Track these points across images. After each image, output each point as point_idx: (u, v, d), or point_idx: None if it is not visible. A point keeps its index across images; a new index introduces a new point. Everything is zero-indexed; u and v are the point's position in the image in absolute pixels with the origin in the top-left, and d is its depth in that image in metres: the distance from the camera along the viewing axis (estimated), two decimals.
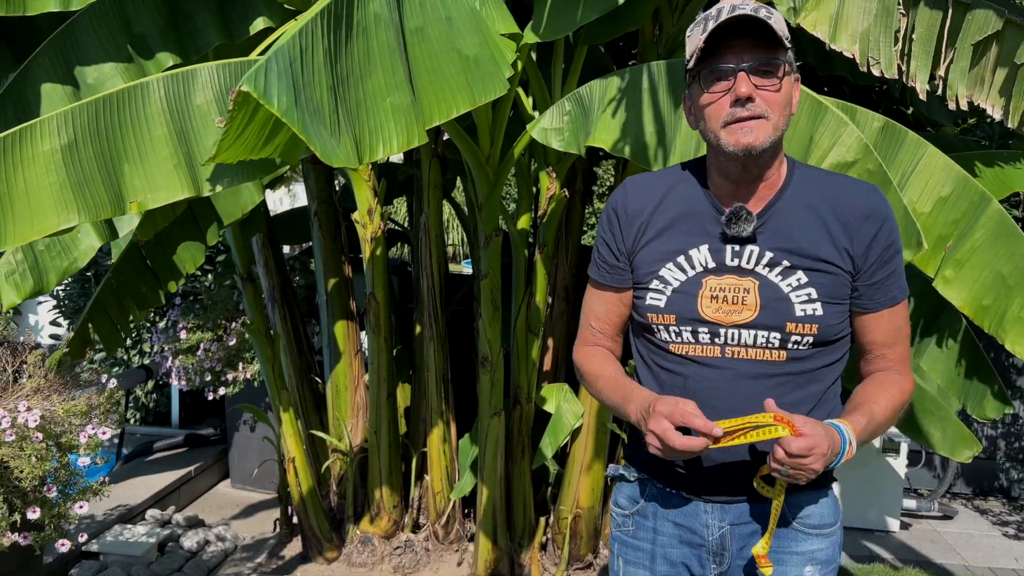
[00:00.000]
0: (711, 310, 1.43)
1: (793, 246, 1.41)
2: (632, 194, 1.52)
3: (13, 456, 2.27)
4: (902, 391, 1.46)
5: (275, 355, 3.69)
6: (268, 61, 1.33)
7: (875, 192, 1.45)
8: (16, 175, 1.97)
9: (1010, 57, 2.36)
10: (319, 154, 1.39)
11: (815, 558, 1.48)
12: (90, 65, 2.58)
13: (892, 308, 1.46)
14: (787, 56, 1.36)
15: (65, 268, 2.61)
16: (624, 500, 1.60)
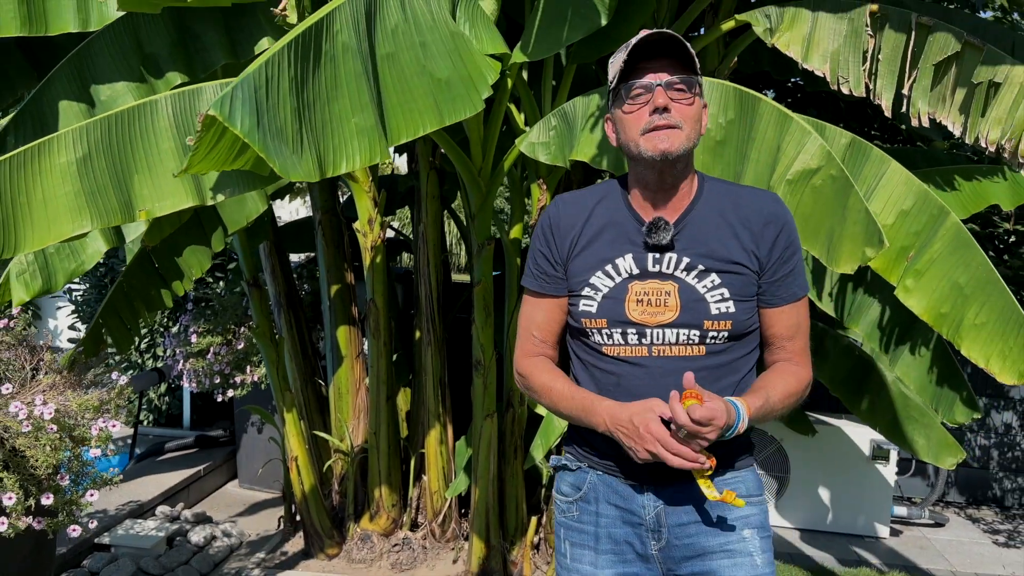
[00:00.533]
0: (637, 312, 1.58)
1: (706, 251, 1.57)
2: (563, 209, 1.67)
3: (29, 446, 2.44)
4: (799, 380, 1.61)
5: (280, 358, 3.85)
6: (234, 88, 1.51)
7: (776, 200, 1.63)
8: (35, 185, 2.15)
9: (968, 77, 2.49)
10: (277, 170, 1.56)
11: (750, 523, 1.63)
12: (104, 83, 2.77)
13: (792, 304, 1.61)
14: (698, 79, 1.54)
15: (73, 270, 2.78)
16: (567, 488, 1.73)
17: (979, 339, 2.46)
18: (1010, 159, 2.44)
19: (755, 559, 1.61)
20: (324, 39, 1.75)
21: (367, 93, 1.83)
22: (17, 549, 2.63)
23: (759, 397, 1.53)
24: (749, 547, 1.61)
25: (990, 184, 3.45)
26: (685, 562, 1.63)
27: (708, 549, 1.61)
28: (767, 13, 2.87)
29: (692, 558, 1.62)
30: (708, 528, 1.61)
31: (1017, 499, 5.34)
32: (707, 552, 1.61)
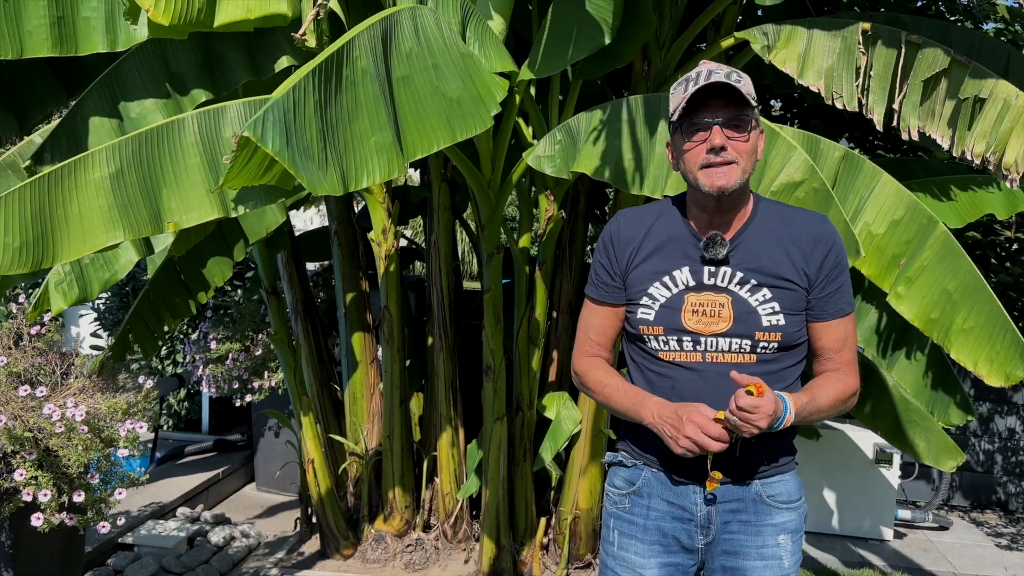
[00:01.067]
0: (693, 322, 1.70)
1: (759, 267, 1.69)
2: (624, 224, 1.80)
3: (61, 446, 2.58)
4: (845, 387, 1.73)
5: (297, 364, 3.99)
6: (265, 111, 1.65)
7: (825, 222, 1.75)
8: (72, 199, 2.29)
9: (955, 92, 2.60)
10: (306, 185, 1.71)
11: (786, 528, 1.76)
12: (134, 101, 2.92)
13: (840, 319, 1.73)
14: (754, 113, 1.65)
15: (107, 279, 2.93)
16: (620, 482, 1.85)
17: (968, 343, 2.56)
18: (995, 171, 2.55)
19: (783, 562, 1.75)
20: (345, 64, 1.89)
21: (385, 113, 1.97)
22: (49, 545, 2.77)
23: (806, 395, 1.66)
24: (780, 552, 1.75)
25: (985, 194, 3.55)
26: (722, 555, 1.76)
27: (744, 548, 1.74)
28: (765, 31, 2.99)
29: (729, 553, 1.75)
30: (749, 529, 1.74)
31: (1021, 503, 5.40)
32: (743, 551, 1.74)
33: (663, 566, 1.78)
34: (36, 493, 2.47)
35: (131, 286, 5.47)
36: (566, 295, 4.17)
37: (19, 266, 2.26)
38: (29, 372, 2.84)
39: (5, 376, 2.71)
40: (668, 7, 3.35)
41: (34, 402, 2.62)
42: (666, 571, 1.78)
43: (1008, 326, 2.56)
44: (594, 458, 3.88)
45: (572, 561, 3.98)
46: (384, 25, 2.04)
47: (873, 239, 2.64)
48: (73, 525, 2.63)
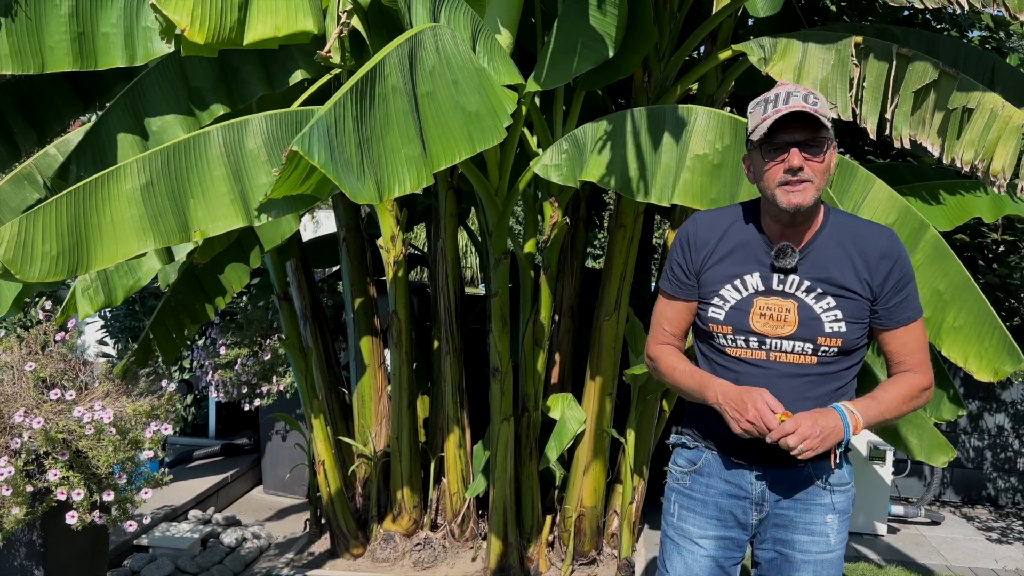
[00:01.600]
0: (760, 324, 1.84)
1: (826, 276, 1.82)
2: (701, 227, 1.93)
3: (91, 447, 2.68)
4: (911, 385, 1.86)
5: (308, 368, 4.09)
6: (311, 128, 1.77)
7: (892, 236, 1.86)
8: (105, 209, 2.39)
9: (944, 103, 2.73)
10: (348, 194, 1.83)
11: (835, 508, 1.90)
12: (155, 115, 3.02)
13: (907, 326, 1.85)
14: (829, 133, 1.76)
15: (131, 286, 3.03)
16: (683, 461, 2.02)
17: (958, 341, 2.69)
18: (983, 178, 2.68)
19: (830, 539, 1.90)
20: (377, 82, 2.01)
21: (413, 127, 2.09)
22: (77, 544, 2.86)
23: (870, 397, 1.81)
24: (828, 529, 1.89)
25: (973, 198, 3.70)
26: (773, 528, 1.92)
27: (794, 523, 1.90)
28: (761, 43, 3.12)
29: (780, 527, 1.91)
30: (799, 506, 1.89)
31: (1010, 498, 5.54)
32: (793, 525, 1.90)
33: (719, 539, 1.95)
34: (70, 492, 2.56)
35: (138, 295, 5.55)
36: (568, 299, 4.28)
37: (56, 273, 2.35)
38: (54, 377, 2.93)
39: (33, 381, 2.80)
40: (668, 21, 3.48)
41: (63, 405, 2.71)
42: (721, 543, 1.95)
43: (996, 324, 2.69)
44: (597, 457, 4.00)
45: (577, 557, 4.09)
46: (410, 44, 2.16)
47: None
48: (102, 524, 2.72)
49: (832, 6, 4.91)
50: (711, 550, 1.96)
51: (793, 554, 1.90)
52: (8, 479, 2.47)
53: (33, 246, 2.32)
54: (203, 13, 2.32)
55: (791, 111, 1.71)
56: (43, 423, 2.53)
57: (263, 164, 2.61)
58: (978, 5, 2.81)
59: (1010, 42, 5.74)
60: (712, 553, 1.96)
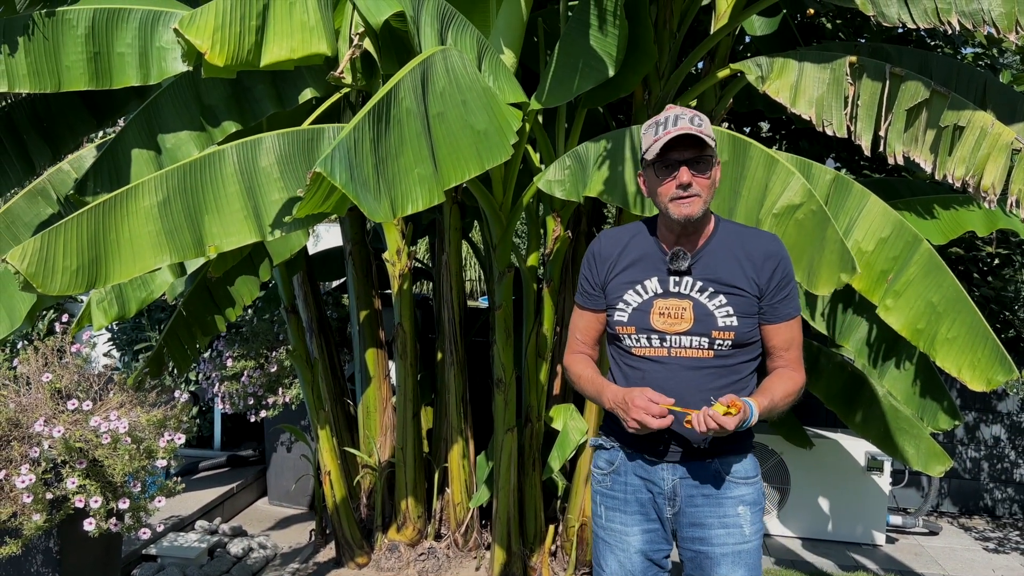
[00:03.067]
0: (660, 322, 2.01)
1: (716, 277, 2.00)
2: (604, 243, 2.14)
3: (107, 456, 2.74)
4: (794, 383, 2.03)
5: (315, 379, 4.15)
6: (333, 151, 1.87)
7: (775, 240, 2.05)
8: (123, 225, 2.47)
9: (936, 121, 2.82)
10: (367, 213, 1.93)
11: (744, 500, 2.04)
12: (169, 133, 3.11)
13: (787, 322, 2.04)
14: (713, 152, 1.96)
15: (144, 298, 3.10)
16: (603, 463, 2.16)
17: (952, 351, 2.77)
18: (974, 193, 2.77)
19: (744, 530, 2.03)
20: (392, 105, 2.10)
21: (426, 148, 2.18)
22: (92, 550, 2.92)
23: (766, 397, 1.96)
24: (741, 521, 2.03)
25: (966, 212, 3.78)
26: (689, 527, 2.05)
27: (708, 520, 2.02)
28: (758, 63, 3.21)
29: (695, 525, 2.04)
30: (711, 502, 2.02)
31: (1007, 508, 5.60)
32: (707, 521, 2.02)
33: (645, 532, 2.08)
34: (87, 500, 2.63)
35: (144, 308, 5.62)
36: (570, 311, 4.35)
37: (75, 287, 2.43)
38: (69, 388, 2.99)
39: (50, 392, 2.87)
40: (667, 40, 3.57)
41: (80, 415, 2.78)
42: (648, 536, 2.08)
43: (988, 335, 2.76)
44: None
45: (579, 567, 4.15)
46: (423, 67, 2.25)
47: (863, 255, 2.85)
48: (117, 531, 2.78)
49: (828, 24, 5.02)
50: (639, 544, 2.08)
51: (712, 549, 2.01)
52: (29, 486, 2.54)
53: (54, 260, 2.40)
54: (223, 37, 2.40)
55: (679, 133, 1.89)
56: (63, 432, 2.59)
57: (276, 181, 2.70)
58: (968, 25, 2.90)
59: (1003, 59, 5.85)
60: (641, 547, 2.08)
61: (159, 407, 3.01)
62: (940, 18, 2.90)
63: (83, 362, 3.18)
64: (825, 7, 4.65)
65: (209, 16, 2.47)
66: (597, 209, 5.16)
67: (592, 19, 3.12)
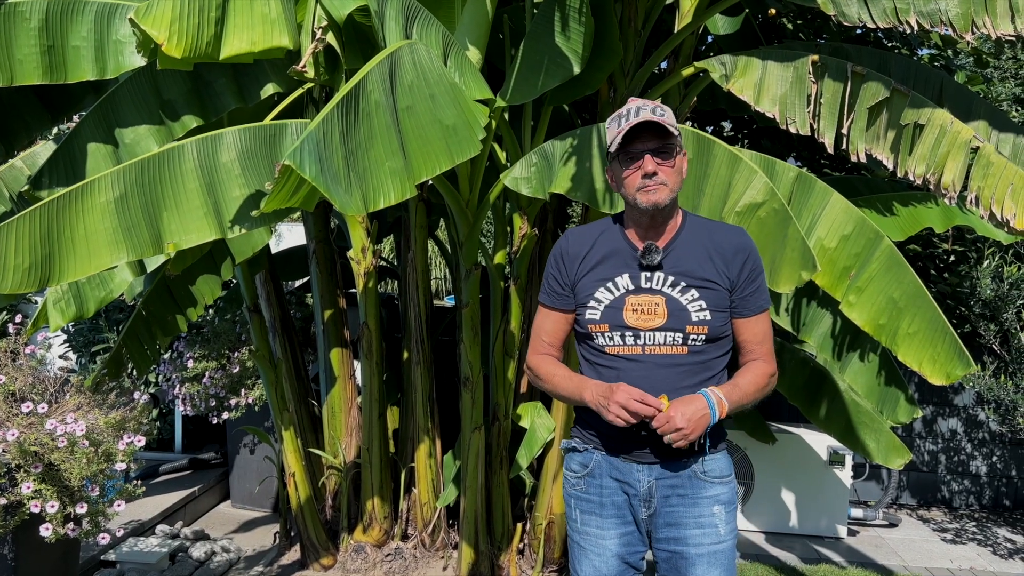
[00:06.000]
0: (633, 318, 1.98)
1: (687, 271, 1.98)
2: (572, 241, 2.10)
3: (63, 460, 2.67)
4: (763, 372, 2.03)
5: (278, 380, 4.09)
6: (302, 143, 1.83)
7: (743, 233, 2.05)
8: (78, 222, 2.40)
9: (897, 119, 2.86)
10: (337, 205, 1.89)
11: (719, 500, 2.02)
12: (127, 127, 3.03)
13: (758, 315, 2.04)
14: (678, 140, 1.95)
15: (102, 298, 3.03)
16: (576, 466, 2.12)
17: (912, 346, 2.81)
18: (934, 191, 2.81)
19: (719, 530, 2.01)
20: (361, 98, 2.07)
21: (396, 141, 2.15)
22: (49, 556, 2.84)
23: (731, 384, 1.97)
24: (716, 520, 2.01)
25: (924, 209, 3.85)
26: (664, 528, 2.02)
27: (684, 520, 2.00)
28: (722, 61, 3.23)
29: (670, 525, 2.01)
30: (686, 502, 2.00)
31: (964, 500, 5.72)
32: (682, 521, 2.00)
33: (621, 535, 2.05)
34: (44, 505, 2.55)
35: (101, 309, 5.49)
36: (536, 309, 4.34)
37: (27, 285, 2.36)
38: (23, 390, 2.91)
39: (3, 394, 2.79)
40: (632, 38, 3.58)
41: (35, 418, 2.70)
42: (624, 539, 2.05)
43: (947, 330, 2.81)
44: None
45: (547, 564, 4.14)
46: (390, 60, 2.22)
47: (826, 252, 2.88)
48: (74, 537, 2.71)
49: (789, 24, 5.08)
50: (616, 548, 2.05)
51: (687, 549, 1.99)
52: None
53: (5, 258, 2.33)
54: (180, 28, 2.35)
55: (640, 122, 1.89)
56: (17, 435, 2.52)
57: (237, 177, 2.65)
58: (926, 25, 2.95)
59: (958, 60, 5.98)
60: (617, 551, 2.05)
61: (118, 409, 2.94)
62: (899, 18, 2.94)
63: (38, 364, 3.10)
64: (787, 7, 4.70)
65: (166, 6, 2.41)
66: (563, 208, 5.17)
67: (557, 17, 3.11)
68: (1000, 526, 5.37)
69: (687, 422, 1.84)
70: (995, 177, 2.73)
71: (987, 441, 5.68)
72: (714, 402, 1.90)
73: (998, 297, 4.70)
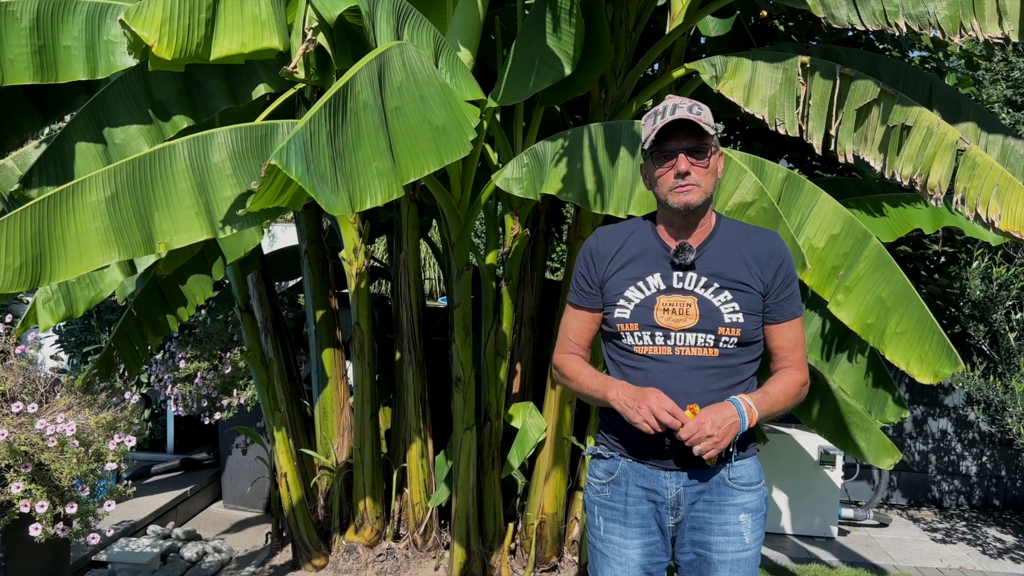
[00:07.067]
0: (664, 318, 1.95)
1: (720, 272, 1.95)
2: (602, 240, 2.06)
3: (54, 459, 2.67)
4: (795, 381, 1.99)
5: (270, 380, 4.09)
6: (289, 142, 1.83)
7: (777, 238, 2.02)
8: (69, 221, 2.40)
9: (885, 120, 2.88)
10: (323, 205, 1.89)
11: (747, 508, 1.97)
12: (118, 127, 3.03)
13: (791, 321, 2.00)
14: (713, 140, 1.92)
15: (92, 298, 3.03)
16: (601, 473, 2.07)
17: (900, 345, 2.83)
18: (921, 191, 2.83)
19: (744, 538, 1.96)
20: (349, 98, 2.07)
21: (384, 141, 2.16)
22: (38, 557, 2.84)
23: (761, 391, 1.94)
24: (742, 528, 1.96)
25: (914, 210, 3.87)
26: (690, 531, 1.98)
27: (709, 525, 1.96)
28: (713, 63, 3.24)
29: (696, 529, 1.98)
30: (712, 508, 1.96)
31: (954, 500, 5.75)
32: (707, 527, 1.96)
33: (645, 545, 2.00)
34: (33, 505, 2.55)
35: (92, 309, 5.48)
36: (529, 309, 4.36)
37: (18, 285, 2.36)
38: (14, 390, 2.91)
39: None
40: (623, 40, 3.60)
41: (24, 418, 2.70)
42: (647, 550, 2.00)
43: (935, 329, 2.83)
44: (557, 464, 4.07)
45: (538, 564, 4.15)
46: (379, 61, 2.23)
47: (814, 252, 2.90)
48: (64, 537, 2.71)
49: (780, 26, 5.10)
50: (638, 558, 2.00)
51: (710, 555, 1.95)
52: None
53: None
54: (171, 29, 2.36)
55: (675, 119, 1.86)
56: (7, 435, 2.51)
57: (228, 177, 2.65)
58: (915, 27, 2.97)
59: (948, 62, 6.01)
60: (640, 561, 2.01)
61: (109, 409, 2.94)
62: (888, 20, 2.96)
63: (28, 364, 3.10)
64: (778, 9, 4.72)
65: (157, 8, 2.42)
66: (555, 209, 5.18)
67: (548, 18, 3.12)
68: (990, 526, 5.40)
69: (717, 430, 1.81)
70: (980, 178, 2.75)
71: (977, 441, 5.71)
72: (743, 409, 1.86)
73: (987, 298, 4.73)
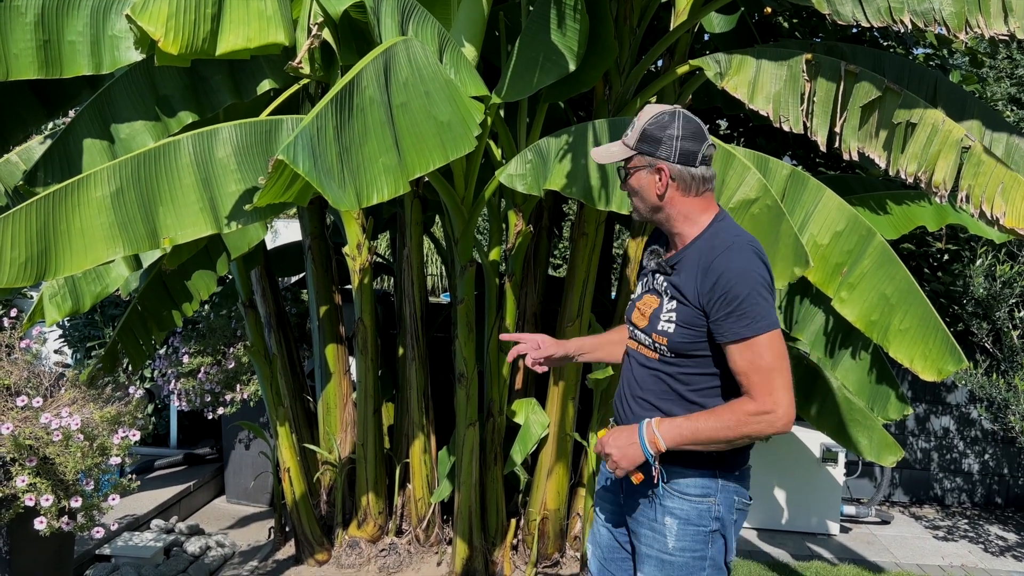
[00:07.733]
0: (634, 316, 2.07)
1: (676, 283, 1.97)
2: None
3: (58, 453, 2.68)
4: (740, 410, 1.82)
5: (273, 375, 4.10)
6: (296, 138, 1.84)
7: (726, 253, 1.87)
8: (74, 216, 2.41)
9: (889, 118, 2.88)
10: (331, 201, 1.90)
11: (673, 513, 1.96)
12: (123, 122, 3.03)
13: (736, 344, 1.82)
14: (634, 160, 1.98)
15: (98, 292, 3.03)
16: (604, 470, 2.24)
17: (904, 342, 2.83)
18: (926, 189, 2.83)
19: (667, 541, 1.96)
20: (355, 94, 2.08)
21: (390, 137, 2.17)
22: (43, 550, 2.85)
23: (681, 419, 1.89)
24: (665, 530, 1.97)
25: (918, 208, 3.87)
26: (631, 521, 2.09)
27: (642, 516, 2.04)
28: (717, 59, 3.24)
29: (631, 518, 2.09)
30: (647, 503, 2.02)
31: (956, 497, 5.75)
32: (640, 519, 2.04)
33: (608, 511, 2.20)
34: (38, 499, 2.56)
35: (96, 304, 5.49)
36: (531, 306, 4.36)
37: (23, 279, 2.36)
38: (19, 384, 2.92)
39: None
40: (627, 36, 3.60)
41: (29, 412, 2.71)
42: (611, 516, 2.19)
43: (939, 326, 2.83)
44: (560, 460, 4.08)
45: (541, 560, 4.16)
46: (385, 57, 2.23)
47: (818, 249, 2.90)
48: (69, 531, 2.72)
49: (784, 23, 5.09)
50: (604, 520, 2.20)
51: (640, 545, 2.04)
52: None
53: (1, 253, 2.33)
54: (177, 24, 2.36)
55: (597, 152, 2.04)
56: (12, 429, 2.53)
57: (232, 172, 2.65)
58: (920, 24, 2.96)
59: (953, 59, 6.00)
60: (606, 523, 2.20)
61: (113, 403, 2.95)
62: (893, 17, 2.95)
63: (33, 358, 3.11)
64: (782, 6, 4.72)
65: (163, 3, 2.41)
66: (558, 206, 5.18)
67: (553, 14, 3.12)
68: (992, 523, 5.40)
69: (615, 450, 1.90)
70: (985, 176, 2.75)
71: (979, 439, 5.71)
72: (644, 434, 1.87)
73: (991, 296, 4.73)
